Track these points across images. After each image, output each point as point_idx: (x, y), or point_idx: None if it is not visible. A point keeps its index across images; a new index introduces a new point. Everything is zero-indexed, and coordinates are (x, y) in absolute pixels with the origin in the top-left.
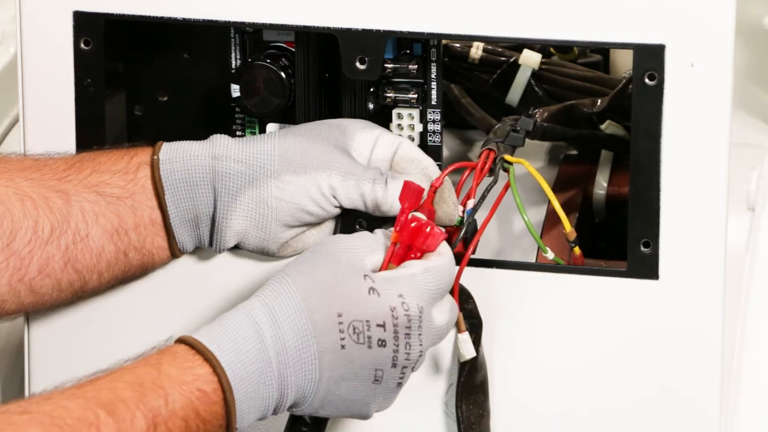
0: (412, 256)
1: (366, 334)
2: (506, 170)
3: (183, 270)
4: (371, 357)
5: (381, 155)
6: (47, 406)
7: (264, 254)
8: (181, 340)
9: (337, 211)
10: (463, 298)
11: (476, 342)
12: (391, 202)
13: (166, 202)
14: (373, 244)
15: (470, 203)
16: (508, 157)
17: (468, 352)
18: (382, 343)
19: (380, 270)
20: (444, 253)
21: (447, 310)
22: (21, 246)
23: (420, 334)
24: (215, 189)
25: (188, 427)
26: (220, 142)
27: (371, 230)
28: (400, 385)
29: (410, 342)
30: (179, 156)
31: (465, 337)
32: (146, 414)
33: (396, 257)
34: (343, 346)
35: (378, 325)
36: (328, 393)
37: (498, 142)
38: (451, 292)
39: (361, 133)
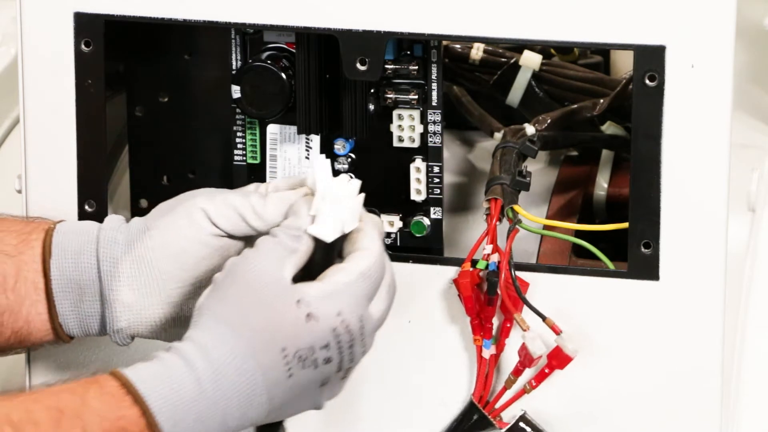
0: None
1: (311, 358)
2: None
3: None
4: (319, 373)
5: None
6: None
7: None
8: (113, 374)
9: (228, 241)
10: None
11: None
12: (271, 210)
13: (50, 265)
14: (280, 251)
15: (494, 257)
16: (516, 208)
17: (539, 348)
18: (328, 360)
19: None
20: (372, 249)
21: (384, 297)
22: None
23: (363, 339)
24: (98, 257)
25: None
26: (111, 217)
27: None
28: (346, 377)
29: (354, 350)
30: (73, 227)
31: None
32: None
33: None
34: (290, 375)
35: (322, 347)
36: (278, 410)
37: (503, 185)
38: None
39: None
